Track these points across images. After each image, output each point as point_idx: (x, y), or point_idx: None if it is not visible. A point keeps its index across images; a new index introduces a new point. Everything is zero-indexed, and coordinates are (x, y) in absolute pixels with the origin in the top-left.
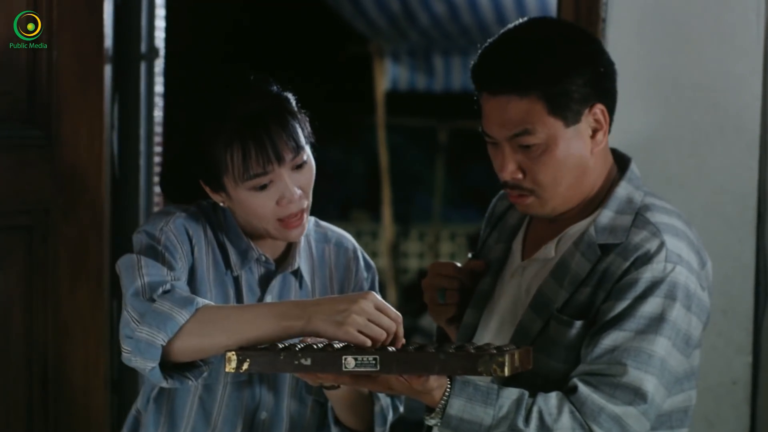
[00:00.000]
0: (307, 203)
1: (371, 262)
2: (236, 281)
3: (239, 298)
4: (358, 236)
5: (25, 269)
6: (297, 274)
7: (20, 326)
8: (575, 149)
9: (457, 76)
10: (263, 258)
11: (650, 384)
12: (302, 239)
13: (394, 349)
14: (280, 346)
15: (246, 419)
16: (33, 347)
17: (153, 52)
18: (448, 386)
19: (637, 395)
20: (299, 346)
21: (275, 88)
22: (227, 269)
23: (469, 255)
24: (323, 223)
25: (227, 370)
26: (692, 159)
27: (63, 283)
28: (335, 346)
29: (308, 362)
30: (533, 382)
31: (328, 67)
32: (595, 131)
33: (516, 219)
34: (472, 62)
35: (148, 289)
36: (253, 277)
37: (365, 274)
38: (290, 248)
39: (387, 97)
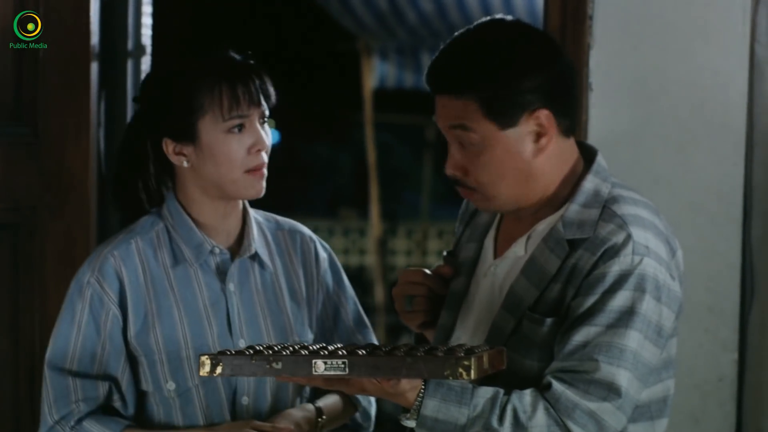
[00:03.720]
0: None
1: (326, 244)
2: (195, 276)
3: (200, 292)
4: (345, 233)
5: (12, 266)
6: (254, 258)
7: (7, 323)
8: (513, 153)
9: None
10: (217, 249)
11: (623, 378)
12: (254, 226)
13: (363, 352)
14: (252, 351)
15: (229, 405)
16: (20, 344)
17: (140, 49)
18: (423, 387)
19: (611, 390)
20: (275, 348)
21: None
22: (182, 266)
23: (444, 252)
24: (272, 214)
25: (201, 374)
26: (678, 157)
27: (50, 280)
28: (309, 348)
29: (279, 366)
30: (509, 381)
31: (317, 64)
32: (538, 136)
33: (488, 217)
34: None
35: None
36: (210, 269)
37: (324, 255)
38: (243, 234)
39: (375, 94)
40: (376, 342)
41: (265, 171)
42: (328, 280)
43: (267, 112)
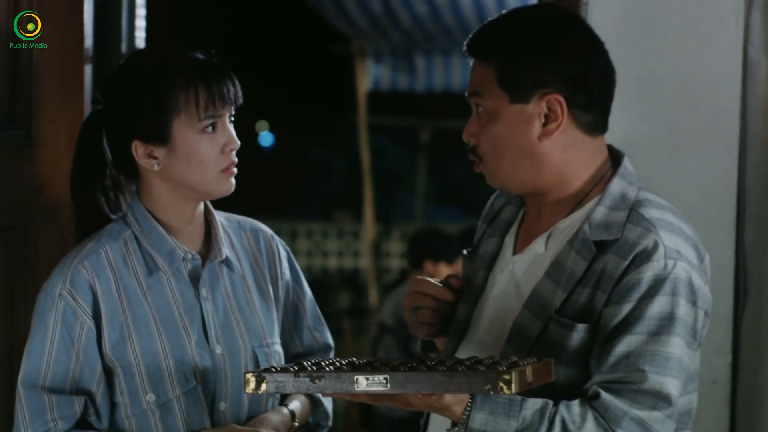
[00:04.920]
0: None
1: (284, 243)
2: (168, 283)
3: (174, 300)
4: (339, 236)
5: (6, 269)
6: (223, 261)
7: (1, 327)
8: (518, 129)
9: (439, 76)
10: (189, 255)
11: (672, 386)
12: (219, 229)
13: (406, 367)
14: (296, 367)
15: (208, 412)
16: (14, 347)
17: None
18: (470, 400)
19: (659, 398)
20: (321, 363)
21: None
22: (155, 274)
23: (465, 252)
24: (231, 214)
25: (246, 391)
26: (672, 159)
27: (43, 283)
28: (353, 363)
29: (322, 382)
30: (542, 387)
31: (311, 67)
32: (548, 119)
33: (511, 214)
34: None
35: None
36: (182, 276)
37: (284, 253)
38: (209, 237)
39: (369, 96)
40: (330, 341)
41: (235, 169)
42: (288, 278)
43: (234, 111)
